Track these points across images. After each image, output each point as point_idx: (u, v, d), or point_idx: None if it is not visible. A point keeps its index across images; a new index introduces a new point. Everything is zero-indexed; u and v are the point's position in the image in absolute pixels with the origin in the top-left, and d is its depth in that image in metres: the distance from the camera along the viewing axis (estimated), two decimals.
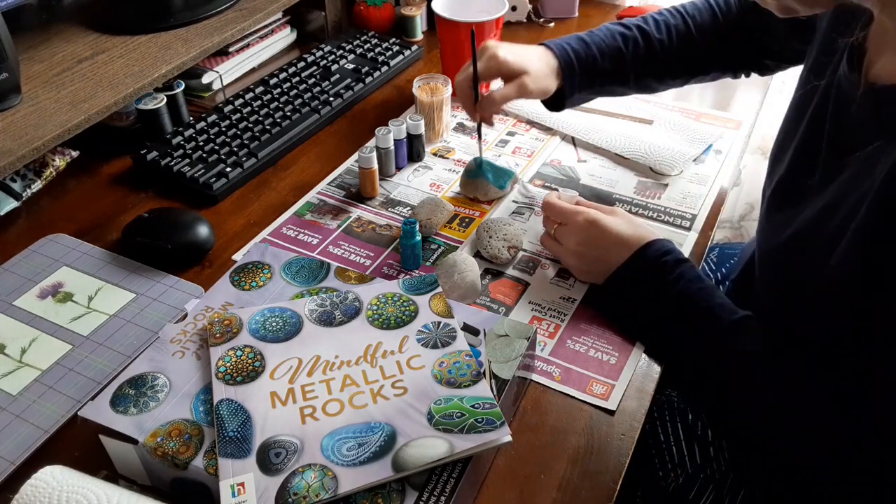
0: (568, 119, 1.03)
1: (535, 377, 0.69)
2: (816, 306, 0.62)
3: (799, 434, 0.61)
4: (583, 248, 0.75)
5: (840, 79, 0.63)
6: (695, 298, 0.68)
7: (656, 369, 0.70)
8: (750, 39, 0.90)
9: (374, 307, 0.66)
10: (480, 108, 0.87)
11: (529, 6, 1.30)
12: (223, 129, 0.99)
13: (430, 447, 0.54)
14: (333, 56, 1.15)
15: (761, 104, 1.09)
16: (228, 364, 0.61)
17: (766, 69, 0.94)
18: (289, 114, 1.02)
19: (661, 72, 0.92)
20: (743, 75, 0.97)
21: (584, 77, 0.89)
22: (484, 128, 1.03)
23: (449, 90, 0.99)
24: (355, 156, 0.97)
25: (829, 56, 0.66)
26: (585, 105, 1.05)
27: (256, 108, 1.03)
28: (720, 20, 0.91)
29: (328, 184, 0.94)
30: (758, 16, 0.84)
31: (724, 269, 1.01)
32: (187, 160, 0.93)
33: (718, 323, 0.66)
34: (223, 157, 0.94)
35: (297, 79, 1.10)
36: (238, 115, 1.02)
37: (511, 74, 0.85)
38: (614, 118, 1.04)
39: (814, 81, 0.67)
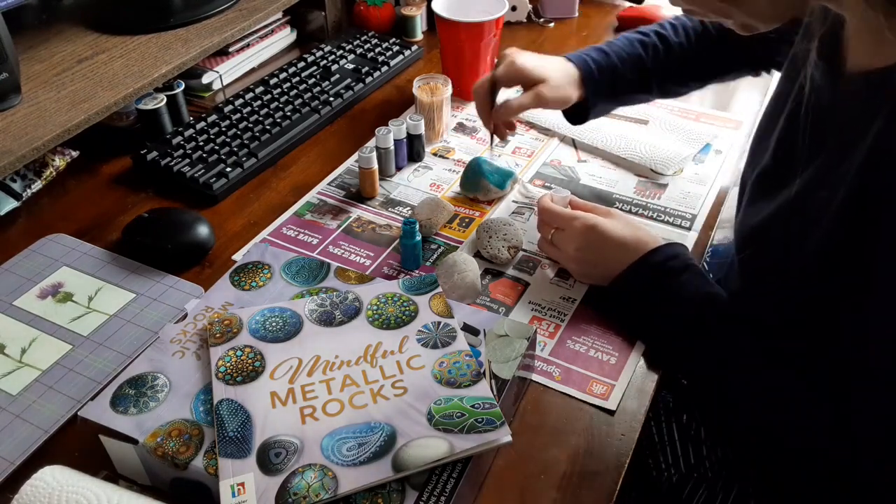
0: (565, 120, 1.03)
1: (535, 377, 0.69)
2: (790, 286, 0.63)
3: (794, 431, 0.62)
4: (582, 252, 0.74)
5: (813, 70, 0.64)
6: (696, 302, 0.68)
7: (656, 370, 0.70)
8: (763, 37, 0.89)
9: (374, 307, 0.66)
10: (496, 116, 0.88)
11: (529, 6, 1.30)
12: (223, 129, 0.99)
13: (430, 447, 0.54)
14: (333, 56, 1.15)
15: (761, 104, 1.09)
16: (228, 364, 0.61)
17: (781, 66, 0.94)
18: (289, 114, 1.02)
19: (682, 75, 0.92)
20: (764, 73, 0.96)
21: (605, 86, 0.88)
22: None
23: (449, 90, 0.99)
24: (355, 156, 0.97)
25: (808, 43, 0.67)
26: None
27: (256, 108, 1.03)
28: None
29: (328, 184, 0.94)
30: None
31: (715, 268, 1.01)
32: (187, 160, 0.93)
33: (722, 322, 0.66)
34: (223, 157, 0.94)
35: (297, 79, 1.10)
36: (238, 115, 1.02)
37: (529, 82, 0.86)
38: (610, 118, 1.04)
39: (793, 71, 0.68)
